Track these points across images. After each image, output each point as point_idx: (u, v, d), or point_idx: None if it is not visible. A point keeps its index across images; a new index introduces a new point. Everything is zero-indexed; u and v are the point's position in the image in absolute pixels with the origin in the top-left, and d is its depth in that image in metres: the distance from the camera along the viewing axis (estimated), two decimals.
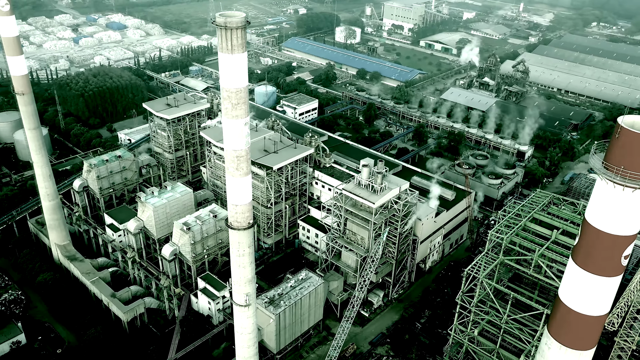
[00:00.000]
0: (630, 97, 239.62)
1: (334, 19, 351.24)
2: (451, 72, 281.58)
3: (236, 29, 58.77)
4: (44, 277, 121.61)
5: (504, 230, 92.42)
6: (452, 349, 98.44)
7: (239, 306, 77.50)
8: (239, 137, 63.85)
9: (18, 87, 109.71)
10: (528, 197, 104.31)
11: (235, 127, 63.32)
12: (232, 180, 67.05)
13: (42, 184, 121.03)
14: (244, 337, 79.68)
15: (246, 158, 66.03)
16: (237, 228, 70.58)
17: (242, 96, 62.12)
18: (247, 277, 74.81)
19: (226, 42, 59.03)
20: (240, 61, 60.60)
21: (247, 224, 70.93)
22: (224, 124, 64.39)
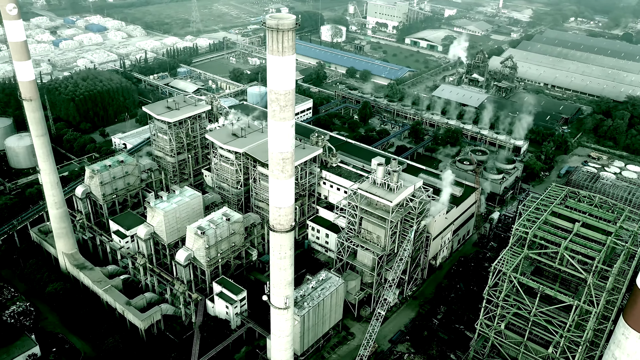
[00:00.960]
0: (615, 91, 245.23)
1: (318, 17, 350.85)
2: (439, 69, 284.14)
3: (287, 31, 58.15)
4: (54, 287, 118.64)
5: (528, 225, 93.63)
6: (478, 343, 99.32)
7: (277, 309, 76.81)
8: (286, 140, 63.24)
9: (26, 92, 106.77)
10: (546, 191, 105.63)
11: (282, 129, 62.70)
12: (276, 183, 66.41)
13: (49, 192, 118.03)
14: (282, 340, 79.13)
15: (291, 160, 65.45)
16: (279, 230, 69.95)
17: (290, 98, 61.59)
18: (287, 280, 74.31)
19: (277, 44, 58.38)
20: (290, 63, 60.04)
21: (290, 226, 70.34)
22: (270, 126, 63.67)
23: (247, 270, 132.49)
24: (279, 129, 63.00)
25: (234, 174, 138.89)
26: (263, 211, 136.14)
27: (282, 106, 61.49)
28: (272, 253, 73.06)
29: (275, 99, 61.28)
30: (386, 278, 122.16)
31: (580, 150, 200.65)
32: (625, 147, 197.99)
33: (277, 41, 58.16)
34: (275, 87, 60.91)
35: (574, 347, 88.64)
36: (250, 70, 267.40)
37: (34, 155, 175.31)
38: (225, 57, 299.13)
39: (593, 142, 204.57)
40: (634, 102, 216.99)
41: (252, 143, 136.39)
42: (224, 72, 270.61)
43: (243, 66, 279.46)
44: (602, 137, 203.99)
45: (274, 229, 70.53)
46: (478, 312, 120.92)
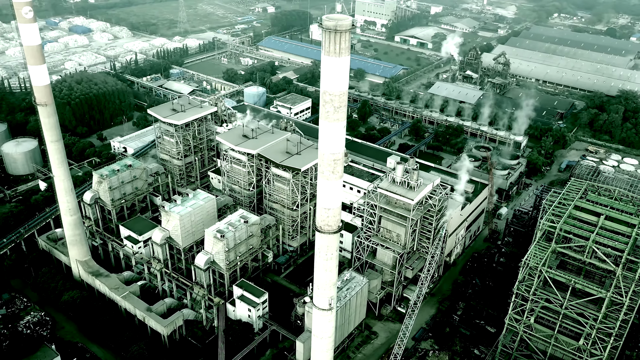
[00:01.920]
0: (606, 85, 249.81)
1: (307, 16, 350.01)
2: (431, 67, 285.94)
3: (345, 32, 57.72)
4: (70, 295, 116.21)
5: (555, 219, 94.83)
6: (507, 338, 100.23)
7: (321, 310, 76.40)
8: (339, 140, 62.89)
9: (40, 97, 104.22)
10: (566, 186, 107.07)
11: (335, 130, 62.30)
12: (326, 184, 65.98)
13: (63, 198, 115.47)
14: (324, 341, 78.81)
15: (342, 161, 65.11)
16: (327, 232, 69.52)
17: (344, 99, 61.16)
18: (332, 281, 73.94)
19: (334, 45, 57.90)
20: (346, 64, 59.63)
21: (338, 227, 70.01)
22: (323, 127, 63.20)
23: (263, 273, 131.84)
24: (331, 130, 62.55)
25: (246, 175, 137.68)
26: (277, 212, 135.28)
27: (337, 107, 61.03)
28: (318, 254, 72.58)
29: (330, 100, 60.80)
30: (406, 276, 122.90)
31: (577, 144, 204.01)
32: (620, 141, 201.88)
33: (334, 42, 57.60)
34: (330, 88, 60.42)
35: (604, 338, 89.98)
36: (244, 70, 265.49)
37: (33, 161, 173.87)
38: (216, 58, 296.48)
39: (589, 136, 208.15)
40: (627, 96, 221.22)
41: (264, 144, 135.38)
42: (216, 72, 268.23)
43: (235, 66, 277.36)
44: (598, 131, 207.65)
45: (322, 230, 70.07)
46: (496, 307, 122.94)
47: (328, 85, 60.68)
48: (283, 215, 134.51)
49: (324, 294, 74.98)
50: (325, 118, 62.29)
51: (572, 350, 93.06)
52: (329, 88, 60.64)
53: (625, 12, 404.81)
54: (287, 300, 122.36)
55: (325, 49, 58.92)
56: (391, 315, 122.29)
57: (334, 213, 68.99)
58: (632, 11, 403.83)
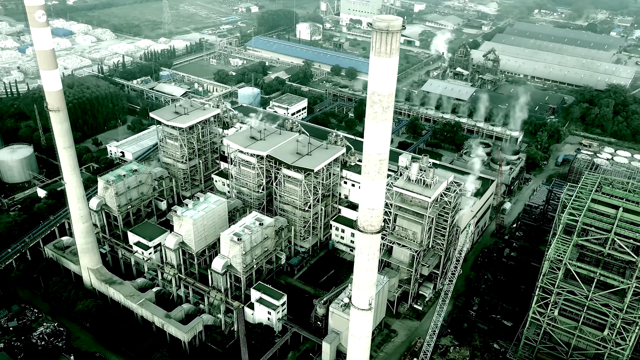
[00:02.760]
0: (593, 80, 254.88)
1: (293, 16, 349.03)
2: (421, 64, 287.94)
3: (396, 33, 57.71)
4: (85, 304, 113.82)
5: (576, 213, 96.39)
6: (530, 331, 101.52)
7: (360, 310, 76.34)
8: (385, 141, 62.93)
9: (53, 103, 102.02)
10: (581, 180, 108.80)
11: (382, 130, 62.29)
12: (370, 184, 65.95)
13: (75, 206, 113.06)
14: (362, 341, 78.90)
15: (387, 161, 65.15)
16: (370, 232, 69.51)
17: (392, 99, 61.15)
18: (373, 281, 74.00)
19: (385, 46, 57.83)
20: (395, 64, 59.63)
21: (380, 227, 70.07)
22: (369, 128, 63.09)
23: (277, 275, 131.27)
24: (378, 130, 62.54)
25: (255, 177, 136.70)
26: (288, 214, 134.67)
27: (385, 107, 61.04)
28: (360, 254, 72.44)
29: (379, 100, 60.74)
30: (422, 273, 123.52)
31: (571, 138, 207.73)
32: (612, 134, 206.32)
33: (385, 43, 57.48)
34: (379, 88, 60.32)
35: (628, 327, 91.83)
36: (235, 71, 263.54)
37: (29, 168, 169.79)
38: (204, 59, 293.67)
39: (581, 130, 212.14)
40: (616, 90, 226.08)
41: (273, 145, 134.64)
42: (206, 74, 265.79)
43: (225, 67, 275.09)
44: (590, 125, 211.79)
45: (365, 230, 69.97)
46: (510, 301, 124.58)
47: (377, 85, 60.57)
48: (294, 216, 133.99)
49: (365, 294, 74.98)
50: (373, 118, 62.19)
51: (597, 341, 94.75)
52: (378, 88, 60.56)
53: (604, 7, 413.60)
54: (303, 302, 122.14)
55: (375, 49, 58.69)
56: (408, 313, 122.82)
57: (377, 213, 69.01)
58: (610, 6, 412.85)
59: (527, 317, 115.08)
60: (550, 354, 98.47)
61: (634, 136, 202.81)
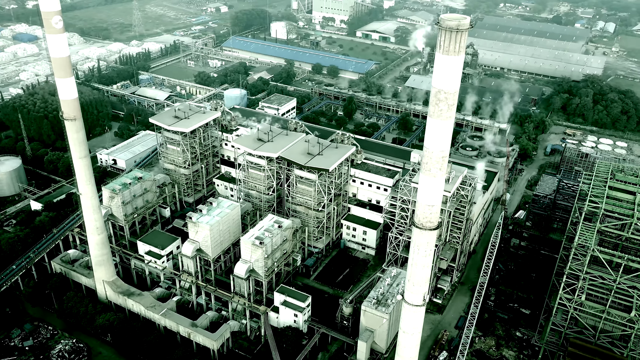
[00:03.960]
0: (567, 71, 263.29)
1: (266, 15, 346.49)
2: (399, 61, 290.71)
3: (464, 31, 58.32)
4: (105, 318, 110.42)
5: (598, 201, 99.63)
6: (557, 317, 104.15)
7: (413, 306, 76.90)
8: (448, 138, 63.71)
9: (69, 112, 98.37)
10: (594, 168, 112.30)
11: (445, 128, 62.95)
12: (432, 181, 66.57)
13: (90, 217, 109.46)
14: (414, 337, 79.62)
15: (447, 158, 65.90)
16: (428, 228, 70.18)
17: (456, 97, 61.96)
18: (427, 277, 74.81)
19: (454, 45, 58.43)
20: (461, 62, 60.33)
21: (438, 223, 70.84)
22: (432, 125, 63.55)
23: (292, 277, 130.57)
24: (442, 128, 63.17)
25: (265, 180, 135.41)
26: (300, 215, 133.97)
27: (450, 105, 61.81)
28: (416, 251, 72.85)
29: (444, 98, 61.35)
30: (440, 267, 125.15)
31: (555, 128, 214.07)
32: (593, 123, 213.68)
33: (455, 41, 58.03)
34: (446, 86, 60.91)
35: None
36: (216, 72, 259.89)
37: (19, 180, 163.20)
38: (181, 61, 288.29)
39: (563, 120, 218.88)
40: (593, 80, 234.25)
41: (282, 147, 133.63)
42: (186, 76, 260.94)
43: (204, 69, 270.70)
44: (572, 114, 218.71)
45: (423, 227, 70.47)
46: (524, 289, 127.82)
47: (443, 83, 61.12)
48: (307, 217, 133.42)
49: (419, 290, 75.56)
50: (437, 116, 62.72)
51: (624, 322, 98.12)
52: (445, 86, 61.12)
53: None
54: (323, 302, 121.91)
55: (443, 48, 59.13)
56: (429, 306, 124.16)
57: (436, 209, 69.68)
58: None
59: (545, 304, 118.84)
60: (579, 338, 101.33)
61: (614, 124, 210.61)
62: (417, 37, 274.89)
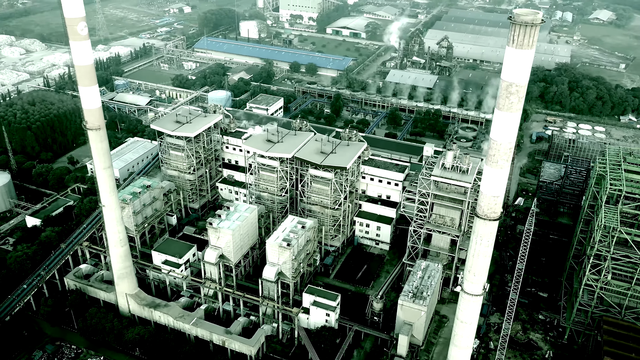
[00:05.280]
0: (537, 60, 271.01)
1: (234, 15, 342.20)
2: (374, 56, 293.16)
3: (538, 26, 60.03)
4: (135, 332, 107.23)
5: (618, 184, 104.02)
6: (584, 297, 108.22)
7: (472, 296, 78.49)
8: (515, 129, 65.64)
9: (93, 121, 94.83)
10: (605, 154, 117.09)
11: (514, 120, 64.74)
12: (498, 173, 68.16)
13: (114, 229, 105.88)
14: (471, 326, 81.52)
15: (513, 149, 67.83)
16: (492, 218, 71.87)
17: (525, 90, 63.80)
18: (487, 266, 76.67)
19: (528, 38, 60.07)
20: (532, 56, 62.14)
21: (500, 214, 72.71)
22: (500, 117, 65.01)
23: (312, 277, 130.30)
24: (511, 120, 64.83)
25: (278, 181, 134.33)
26: (316, 214, 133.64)
27: (520, 97, 63.47)
28: (479, 242, 74.37)
29: (516, 91, 62.92)
30: (460, 257, 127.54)
31: (535, 116, 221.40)
32: (571, 109, 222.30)
33: (529, 35, 59.68)
34: (518, 79, 62.48)
35: None
36: (194, 75, 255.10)
37: (9, 196, 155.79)
38: (154, 64, 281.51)
39: (542, 108, 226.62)
40: (566, 69, 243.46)
41: (294, 147, 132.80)
42: (161, 80, 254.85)
43: (179, 71, 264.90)
44: (550, 102, 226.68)
45: (488, 217, 72.06)
46: (537, 273, 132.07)
47: (515, 77, 62.64)
48: (323, 216, 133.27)
49: (480, 280, 77.25)
50: (507, 109, 64.25)
51: None
52: (517, 80, 62.66)
53: None
54: (348, 300, 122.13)
55: (517, 42, 60.62)
56: (452, 297, 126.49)
57: (500, 200, 71.41)
58: None
59: (563, 286, 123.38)
60: (608, 316, 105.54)
61: (590, 110, 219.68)
62: (392, 32, 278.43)
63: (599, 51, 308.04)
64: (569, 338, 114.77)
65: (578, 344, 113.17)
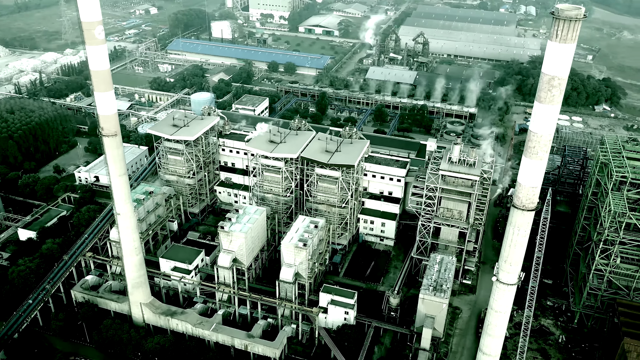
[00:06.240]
0: (509, 54, 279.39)
1: (205, 15, 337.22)
2: (350, 54, 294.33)
3: (580, 20, 61.97)
4: (155, 342, 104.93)
5: (623, 171, 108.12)
6: (593, 282, 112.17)
7: (508, 285, 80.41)
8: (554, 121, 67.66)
9: (110, 127, 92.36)
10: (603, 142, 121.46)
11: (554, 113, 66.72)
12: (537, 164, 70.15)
13: (129, 237, 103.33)
14: (505, 315, 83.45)
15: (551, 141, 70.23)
16: (529, 209, 73.95)
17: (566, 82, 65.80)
18: (522, 256, 78.77)
19: (571, 33, 61.87)
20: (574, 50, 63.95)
21: (537, 204, 74.85)
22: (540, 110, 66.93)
23: (323, 275, 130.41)
24: (551, 113, 66.75)
25: (283, 182, 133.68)
26: (322, 213, 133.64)
27: (562, 90, 65.47)
28: (516, 232, 76.23)
29: (558, 84, 64.83)
30: (467, 249, 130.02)
31: (515, 108, 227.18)
32: None
33: (572, 30, 61.52)
34: (560, 73, 64.35)
35: None
36: (172, 77, 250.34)
37: None
38: (128, 67, 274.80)
39: (520, 100, 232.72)
40: (540, 61, 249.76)
41: (298, 147, 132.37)
42: (138, 83, 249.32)
43: (156, 74, 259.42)
44: (527, 94, 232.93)
45: (526, 208, 74.04)
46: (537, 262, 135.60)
47: (558, 70, 64.52)
48: (330, 214, 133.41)
49: (516, 269, 79.29)
50: (549, 101, 66.12)
51: None
52: (559, 73, 64.54)
53: None
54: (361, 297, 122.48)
55: (561, 36, 62.38)
56: (461, 288, 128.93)
57: (537, 190, 73.51)
58: None
59: (568, 272, 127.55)
60: (621, 298, 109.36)
61: (566, 100, 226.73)
62: (367, 29, 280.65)
63: None
64: (578, 322, 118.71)
65: (588, 327, 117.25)
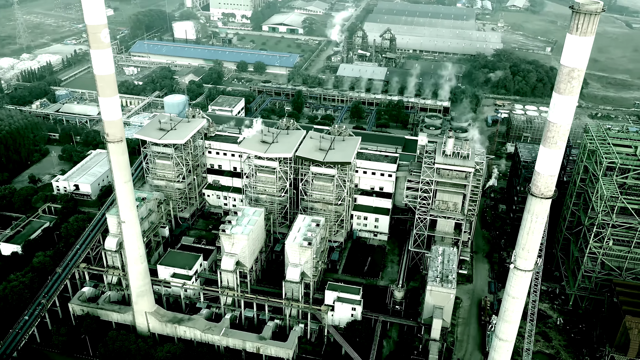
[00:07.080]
0: (472, 48, 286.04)
1: (166, 16, 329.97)
2: (317, 52, 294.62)
3: (599, 14, 64.63)
4: (165, 350, 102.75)
5: (612, 156, 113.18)
6: (587, 264, 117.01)
7: (525, 271, 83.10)
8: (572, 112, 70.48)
9: (115, 133, 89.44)
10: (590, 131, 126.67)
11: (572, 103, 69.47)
12: (556, 153, 72.82)
13: (134, 245, 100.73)
14: (521, 301, 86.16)
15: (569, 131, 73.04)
16: (547, 197, 76.61)
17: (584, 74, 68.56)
18: (539, 243, 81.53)
19: (590, 26, 64.51)
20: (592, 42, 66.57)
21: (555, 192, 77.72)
22: (559, 101, 69.47)
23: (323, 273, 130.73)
24: (570, 103, 69.39)
25: (277, 182, 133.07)
26: (317, 212, 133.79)
27: (580, 81, 68.09)
28: (534, 219, 78.53)
29: (577, 76, 67.35)
30: (463, 240, 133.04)
31: (485, 101, 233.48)
32: (515, 92, 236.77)
33: (591, 23, 64.08)
34: (580, 64, 66.84)
35: None
36: (140, 80, 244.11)
37: None
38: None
39: (489, 93, 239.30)
40: (505, 55, 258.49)
41: (291, 146, 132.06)
42: None
43: (123, 77, 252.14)
44: (495, 87, 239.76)
45: (544, 195, 76.63)
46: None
47: (577, 62, 66.95)
48: (327, 212, 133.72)
49: (532, 256, 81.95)
50: (569, 92, 68.64)
51: None
52: (578, 65, 67.07)
53: None
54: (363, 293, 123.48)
55: (581, 30, 64.72)
56: (458, 278, 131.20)
57: (554, 179, 76.20)
58: None
59: (558, 257, 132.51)
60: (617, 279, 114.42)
61: (532, 91, 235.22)
62: (334, 26, 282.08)
63: (523, 36, 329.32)
64: (573, 304, 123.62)
65: (582, 308, 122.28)
